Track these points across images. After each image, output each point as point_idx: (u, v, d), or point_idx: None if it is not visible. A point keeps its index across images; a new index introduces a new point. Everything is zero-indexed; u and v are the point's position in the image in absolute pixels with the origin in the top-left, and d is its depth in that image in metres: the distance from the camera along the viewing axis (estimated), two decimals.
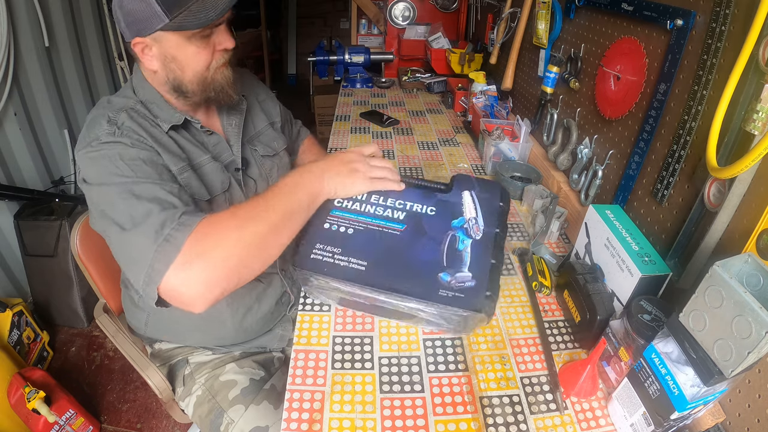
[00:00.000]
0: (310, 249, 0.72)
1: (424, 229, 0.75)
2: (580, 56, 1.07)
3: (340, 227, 0.75)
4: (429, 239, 0.74)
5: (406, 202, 0.78)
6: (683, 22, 0.72)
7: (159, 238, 0.61)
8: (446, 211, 0.77)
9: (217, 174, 0.85)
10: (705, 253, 0.66)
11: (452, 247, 0.73)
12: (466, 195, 0.78)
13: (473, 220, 0.76)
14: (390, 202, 0.78)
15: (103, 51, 2.38)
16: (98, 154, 0.70)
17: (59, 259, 1.78)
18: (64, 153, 2.09)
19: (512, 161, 1.27)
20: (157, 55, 0.76)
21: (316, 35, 4.67)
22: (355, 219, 0.76)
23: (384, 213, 0.77)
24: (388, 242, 0.74)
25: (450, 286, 0.68)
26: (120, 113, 0.75)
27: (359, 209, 0.77)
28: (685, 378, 0.54)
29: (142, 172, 0.69)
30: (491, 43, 1.67)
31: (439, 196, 0.79)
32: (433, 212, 0.77)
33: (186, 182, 0.78)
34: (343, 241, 0.73)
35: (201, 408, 0.92)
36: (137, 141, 0.73)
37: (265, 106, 1.07)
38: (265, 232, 0.66)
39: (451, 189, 0.81)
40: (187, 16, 0.71)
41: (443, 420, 0.65)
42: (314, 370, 0.71)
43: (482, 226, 0.75)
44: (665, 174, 0.78)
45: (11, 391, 1.33)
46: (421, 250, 0.73)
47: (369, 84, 2.12)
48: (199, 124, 0.85)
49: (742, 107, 0.59)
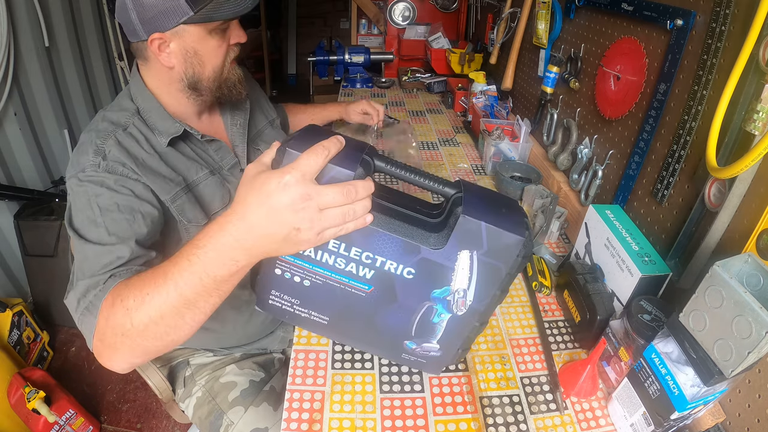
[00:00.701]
0: (267, 294, 0.63)
1: (396, 295, 0.58)
2: (580, 56, 1.07)
3: (294, 276, 0.60)
4: (399, 307, 0.59)
5: (376, 257, 0.55)
6: (683, 22, 0.72)
7: (81, 305, 0.61)
8: (428, 275, 0.56)
9: (216, 189, 0.83)
10: (705, 253, 0.66)
11: (426, 318, 0.60)
12: (464, 258, 0.53)
13: (461, 292, 0.56)
14: (354, 252, 0.55)
15: (103, 51, 2.38)
16: (80, 189, 0.69)
17: (59, 259, 1.78)
18: (64, 153, 2.08)
19: (512, 161, 1.27)
20: (177, 51, 0.74)
21: (316, 35, 4.67)
22: (311, 269, 0.58)
23: (346, 268, 0.57)
24: (351, 302, 0.60)
25: (414, 352, 0.65)
26: (108, 139, 0.72)
27: (314, 257, 0.57)
28: (685, 378, 0.54)
29: (111, 223, 0.66)
30: (491, 43, 1.67)
31: (423, 252, 0.54)
32: (411, 275, 0.56)
33: (179, 209, 0.76)
34: (300, 293, 0.61)
35: (201, 409, 0.92)
36: (121, 177, 0.70)
37: (261, 104, 1.07)
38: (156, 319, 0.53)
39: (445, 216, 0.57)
40: (213, 7, 0.70)
41: (443, 420, 0.65)
42: (314, 370, 0.71)
43: (470, 302, 0.57)
44: (665, 174, 0.77)
45: (11, 391, 1.33)
46: (389, 315, 0.61)
47: (369, 84, 2.12)
48: (200, 135, 0.82)
49: (742, 107, 0.59)
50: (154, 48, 0.72)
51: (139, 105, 0.78)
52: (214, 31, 0.74)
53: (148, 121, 0.78)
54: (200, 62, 0.76)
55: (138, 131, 0.76)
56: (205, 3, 0.70)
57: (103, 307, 0.58)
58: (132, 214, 0.68)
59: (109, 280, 0.62)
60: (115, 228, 0.66)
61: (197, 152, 0.83)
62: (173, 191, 0.75)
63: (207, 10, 0.70)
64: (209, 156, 0.85)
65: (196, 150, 0.83)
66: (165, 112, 0.79)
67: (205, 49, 0.75)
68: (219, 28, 0.75)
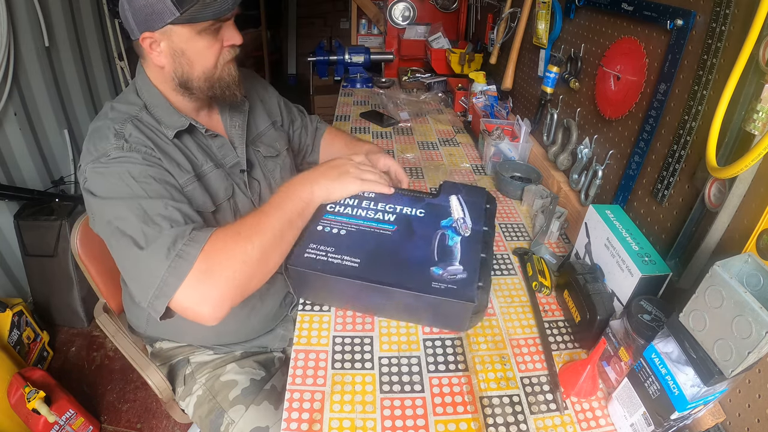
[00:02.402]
0: (304, 249, 0.75)
1: (414, 229, 0.78)
2: (580, 56, 1.07)
3: (333, 229, 0.78)
4: (419, 238, 0.77)
5: (395, 206, 0.82)
6: (683, 22, 0.72)
7: (171, 253, 0.64)
8: (434, 212, 0.81)
9: (221, 181, 0.85)
10: (705, 253, 0.66)
11: (442, 243, 0.76)
12: (453, 199, 0.83)
13: (461, 219, 0.80)
14: (380, 206, 0.82)
15: (103, 51, 2.38)
16: (107, 170, 0.70)
17: (59, 259, 1.78)
18: (64, 153, 2.08)
19: (512, 161, 1.27)
20: (166, 50, 0.75)
21: (316, 35, 4.67)
22: (347, 221, 0.79)
23: (375, 216, 0.81)
24: (380, 241, 0.76)
25: (442, 278, 0.70)
26: (126, 124, 0.75)
27: (351, 213, 0.81)
28: (685, 378, 0.54)
29: (152, 190, 0.70)
30: (491, 43, 1.68)
31: (427, 200, 0.84)
32: (422, 214, 0.81)
33: (191, 195, 0.78)
34: (336, 241, 0.76)
35: (201, 408, 0.92)
36: (147, 155, 0.73)
37: (267, 105, 1.06)
38: (268, 244, 0.70)
39: (439, 195, 0.86)
40: (198, 8, 0.71)
41: (443, 420, 0.65)
42: (314, 370, 0.71)
43: (470, 225, 0.79)
44: (665, 174, 0.78)
45: (11, 391, 1.33)
46: (412, 247, 0.75)
47: (369, 84, 2.11)
48: (204, 129, 0.84)
49: (742, 107, 0.59)
50: (146, 47, 0.75)
51: (145, 100, 0.80)
52: (204, 32, 0.74)
53: (155, 115, 0.79)
54: (189, 62, 0.77)
55: (148, 122, 0.78)
56: (191, 4, 0.70)
57: (208, 249, 0.65)
58: (166, 186, 0.72)
59: (193, 232, 0.67)
60: (158, 193, 0.70)
61: (202, 146, 0.85)
62: (185, 177, 0.78)
63: (192, 11, 0.71)
64: (212, 151, 0.87)
65: (201, 144, 0.85)
66: (170, 107, 0.81)
67: (193, 50, 0.76)
68: (210, 29, 0.75)
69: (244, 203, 0.89)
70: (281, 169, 1.01)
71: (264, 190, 0.95)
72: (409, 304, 0.72)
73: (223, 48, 0.79)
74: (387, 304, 0.75)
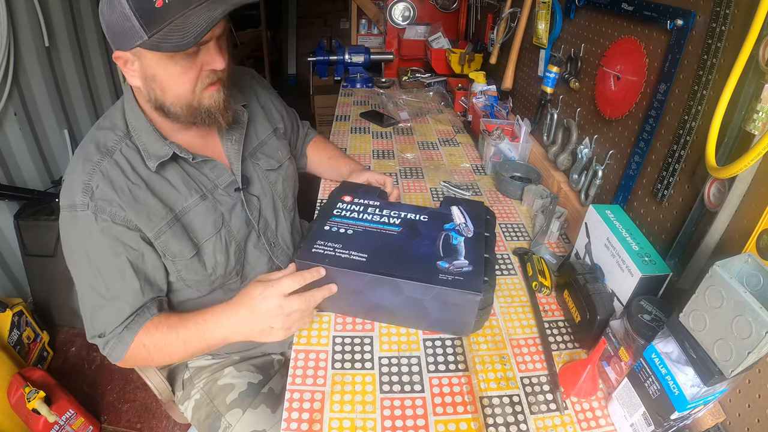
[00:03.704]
0: (311, 245, 0.77)
1: (419, 231, 0.81)
2: (580, 56, 1.07)
3: (340, 229, 0.81)
4: (424, 237, 0.80)
5: (400, 212, 0.85)
6: (683, 22, 0.72)
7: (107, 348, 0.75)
8: (437, 218, 0.85)
9: (207, 215, 0.81)
10: (705, 253, 0.66)
11: (447, 242, 0.79)
12: (454, 208, 0.87)
13: (463, 224, 0.83)
14: (386, 212, 0.86)
15: (103, 51, 2.38)
16: (71, 229, 0.73)
17: (59, 259, 1.77)
18: (64, 153, 2.08)
19: (512, 161, 1.27)
20: (138, 72, 0.70)
21: (316, 35, 4.66)
22: (354, 223, 0.82)
23: (381, 219, 0.83)
24: (386, 240, 0.79)
25: (449, 270, 0.72)
26: (94, 174, 0.71)
27: (357, 216, 0.84)
28: (685, 378, 0.54)
29: (105, 268, 0.73)
30: (491, 43, 1.67)
31: (429, 209, 0.87)
32: (425, 219, 0.84)
33: (164, 246, 0.75)
34: (343, 239, 0.78)
35: (199, 412, 0.92)
36: (112, 214, 0.71)
37: (268, 110, 1.01)
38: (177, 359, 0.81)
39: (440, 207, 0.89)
40: (166, 33, 0.64)
41: (443, 420, 0.65)
42: (314, 370, 0.71)
43: (472, 228, 0.82)
44: (665, 174, 0.78)
45: (11, 391, 1.33)
46: (418, 245, 0.78)
47: (369, 84, 2.11)
48: (191, 156, 0.78)
49: (742, 107, 0.59)
50: (120, 65, 0.70)
51: (129, 122, 0.76)
52: (177, 56, 0.67)
53: (138, 143, 0.75)
54: (161, 88, 0.71)
55: (125, 159, 0.74)
56: (160, 27, 0.63)
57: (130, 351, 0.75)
58: (119, 259, 0.73)
59: (124, 332, 0.74)
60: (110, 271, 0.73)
61: (190, 173, 0.80)
62: (158, 226, 0.75)
63: (157, 38, 0.64)
64: (204, 176, 0.82)
65: (189, 171, 0.80)
66: (154, 132, 0.76)
67: (164, 75, 0.69)
68: (183, 53, 0.67)
69: (241, 222, 0.86)
70: (283, 180, 0.96)
71: (265, 206, 0.92)
72: (415, 298, 0.72)
73: (203, 72, 0.71)
74: (392, 303, 0.74)
